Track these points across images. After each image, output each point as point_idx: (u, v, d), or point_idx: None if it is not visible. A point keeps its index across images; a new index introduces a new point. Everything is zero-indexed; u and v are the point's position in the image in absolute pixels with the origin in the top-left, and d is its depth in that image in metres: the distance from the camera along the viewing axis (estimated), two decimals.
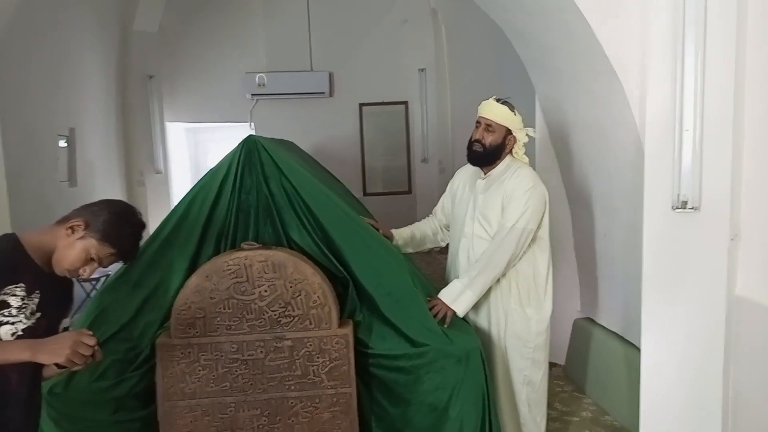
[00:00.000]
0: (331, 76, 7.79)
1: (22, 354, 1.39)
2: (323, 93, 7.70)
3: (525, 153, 2.65)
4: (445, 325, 2.34)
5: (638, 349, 2.80)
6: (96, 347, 1.43)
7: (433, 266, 5.61)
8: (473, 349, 2.27)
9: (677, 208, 2.29)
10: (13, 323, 1.45)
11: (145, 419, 2.22)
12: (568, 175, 3.68)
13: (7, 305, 1.44)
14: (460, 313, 2.42)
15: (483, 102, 2.61)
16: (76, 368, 1.45)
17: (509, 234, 2.46)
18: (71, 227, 1.57)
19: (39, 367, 1.61)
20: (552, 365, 3.20)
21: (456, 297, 2.42)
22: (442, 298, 2.42)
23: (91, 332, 1.46)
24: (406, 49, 7.81)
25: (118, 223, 1.61)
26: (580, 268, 3.83)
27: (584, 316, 3.86)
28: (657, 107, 2.32)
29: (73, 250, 1.56)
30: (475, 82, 6.26)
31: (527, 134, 2.60)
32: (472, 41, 6.86)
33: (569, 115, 3.41)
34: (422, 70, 7.73)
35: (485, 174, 2.64)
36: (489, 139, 2.54)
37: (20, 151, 4.21)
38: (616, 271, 3.34)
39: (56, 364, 1.40)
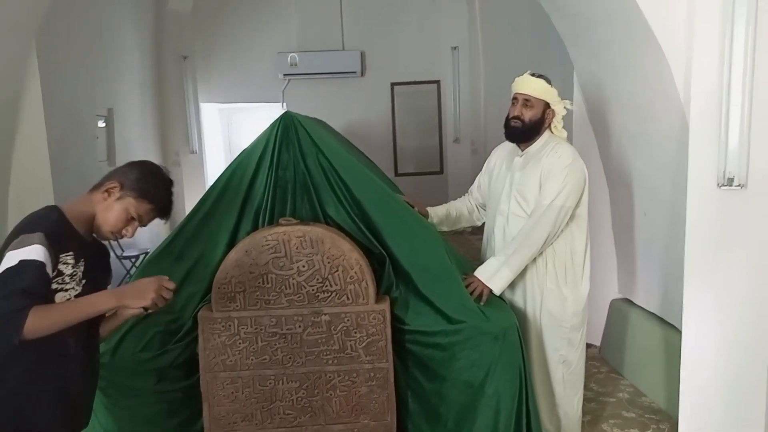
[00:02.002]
0: (362, 55, 7.74)
1: (108, 302, 1.48)
2: (355, 72, 7.67)
3: (563, 127, 2.61)
4: (482, 303, 2.33)
5: (677, 330, 2.76)
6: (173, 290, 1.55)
7: (465, 247, 5.59)
8: (510, 326, 2.26)
9: (723, 185, 2.22)
10: (66, 290, 1.50)
11: (187, 389, 2.28)
12: (606, 152, 3.60)
13: (61, 273, 1.49)
14: (497, 291, 2.41)
15: (517, 78, 2.57)
16: (151, 311, 1.55)
17: (547, 211, 2.43)
18: (107, 190, 1.62)
19: (94, 330, 1.67)
20: (588, 346, 3.18)
21: (492, 275, 2.41)
22: (478, 276, 2.41)
23: (167, 277, 1.56)
24: (438, 27, 7.71)
25: (150, 178, 1.66)
26: (617, 247, 3.76)
27: (621, 296, 3.80)
28: (703, 80, 2.24)
29: (112, 212, 1.61)
30: (509, 61, 6.14)
31: (565, 107, 2.56)
32: (506, 17, 6.73)
33: (609, 90, 3.33)
34: (455, 48, 7.62)
35: (523, 151, 2.60)
36: (528, 115, 2.50)
37: (62, 130, 4.32)
38: (656, 251, 3.27)
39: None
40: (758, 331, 2.23)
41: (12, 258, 1.40)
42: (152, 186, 1.65)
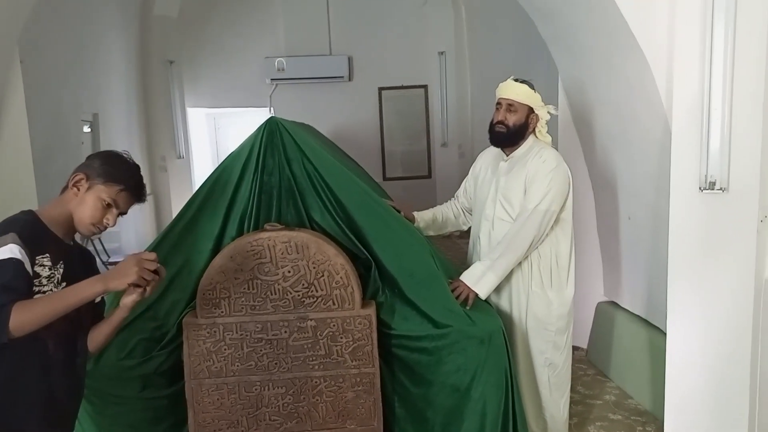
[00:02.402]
0: (350, 60, 7.75)
1: (93, 288, 1.45)
2: (342, 77, 7.67)
3: (547, 132, 2.62)
4: (468, 307, 2.34)
5: (662, 333, 2.78)
6: (158, 263, 1.53)
7: (453, 251, 5.60)
8: (495, 330, 2.27)
9: (705, 189, 2.24)
10: (44, 292, 1.48)
11: (172, 396, 2.26)
12: (591, 156, 3.63)
13: (38, 275, 1.48)
14: (482, 295, 2.42)
15: (501, 84, 2.59)
16: (148, 288, 1.54)
17: (532, 215, 2.44)
18: (75, 185, 1.62)
19: (79, 333, 1.65)
20: (574, 349, 3.20)
21: (478, 279, 2.42)
22: (464, 280, 2.41)
23: (147, 251, 1.56)
24: (425, 32, 7.74)
25: (113, 161, 1.66)
26: (603, 251, 3.79)
27: (607, 299, 3.83)
28: (685, 85, 2.27)
29: (86, 204, 1.60)
30: (495, 65, 6.18)
31: (548, 111, 2.58)
32: (492, 23, 6.77)
33: (593, 95, 3.35)
34: (442, 53, 7.65)
35: (508, 156, 2.62)
36: (512, 120, 2.52)
37: (46, 136, 4.27)
38: (641, 254, 3.30)
39: (132, 287, 1.51)
40: (741, 332, 2.26)
41: None
42: (116, 168, 1.64)
